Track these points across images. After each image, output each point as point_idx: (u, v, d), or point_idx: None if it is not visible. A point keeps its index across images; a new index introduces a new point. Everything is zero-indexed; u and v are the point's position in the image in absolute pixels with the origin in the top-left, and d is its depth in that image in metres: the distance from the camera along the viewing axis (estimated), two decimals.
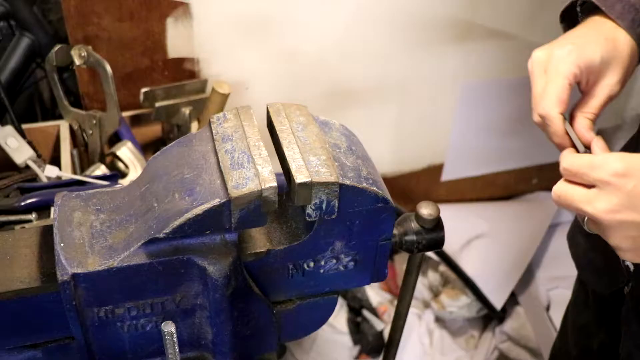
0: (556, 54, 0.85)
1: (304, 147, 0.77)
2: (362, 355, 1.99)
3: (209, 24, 1.53)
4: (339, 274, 0.84)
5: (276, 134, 0.79)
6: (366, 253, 0.84)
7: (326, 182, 0.73)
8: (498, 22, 1.81)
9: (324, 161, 0.75)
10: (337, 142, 0.81)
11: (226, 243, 0.74)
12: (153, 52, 1.52)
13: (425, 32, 1.75)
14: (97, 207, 0.79)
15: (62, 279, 0.71)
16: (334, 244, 0.81)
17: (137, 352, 0.81)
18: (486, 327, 2.07)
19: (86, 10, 1.41)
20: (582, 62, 0.84)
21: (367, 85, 1.79)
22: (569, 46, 0.85)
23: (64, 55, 1.43)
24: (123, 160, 1.45)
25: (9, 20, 1.59)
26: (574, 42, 0.86)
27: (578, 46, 0.85)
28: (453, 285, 2.05)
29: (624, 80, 0.87)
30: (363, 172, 0.78)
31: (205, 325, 0.80)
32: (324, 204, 0.75)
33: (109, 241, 0.75)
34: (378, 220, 0.81)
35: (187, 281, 0.76)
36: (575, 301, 1.30)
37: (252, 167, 0.73)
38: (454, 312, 2.02)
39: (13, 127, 1.36)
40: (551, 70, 0.85)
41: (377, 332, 2.00)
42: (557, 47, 0.86)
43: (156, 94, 1.52)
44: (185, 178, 0.75)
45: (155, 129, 1.62)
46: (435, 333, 2.00)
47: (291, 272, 0.82)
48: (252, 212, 0.72)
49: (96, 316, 0.76)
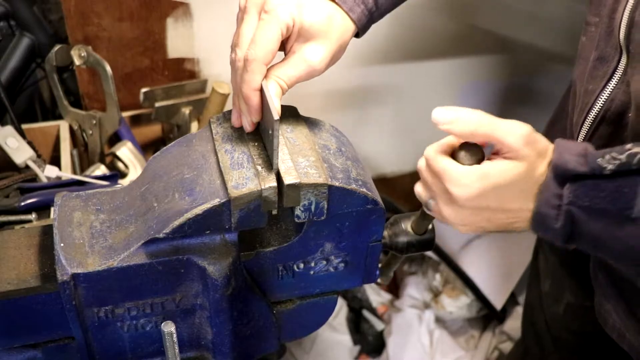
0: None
1: (293, 148, 0.76)
2: (362, 355, 1.98)
3: (209, 24, 1.52)
4: (329, 275, 0.84)
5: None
6: (356, 254, 0.84)
7: (315, 184, 0.73)
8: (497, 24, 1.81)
9: (313, 162, 0.75)
10: (327, 143, 0.80)
11: (226, 243, 0.74)
12: (153, 52, 1.52)
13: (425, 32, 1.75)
14: (97, 207, 0.79)
15: (62, 279, 0.71)
16: (324, 245, 0.81)
17: (137, 352, 0.81)
18: (486, 327, 2.07)
19: (86, 10, 1.41)
20: (297, 17, 0.77)
21: (367, 86, 1.79)
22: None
23: (64, 55, 1.43)
24: (123, 161, 1.45)
25: (9, 20, 1.59)
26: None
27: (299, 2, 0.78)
28: (453, 286, 2.05)
29: (329, 62, 0.81)
30: (352, 173, 0.78)
31: (205, 325, 0.80)
32: (312, 205, 0.74)
33: (109, 241, 0.75)
34: (368, 221, 0.80)
35: (187, 281, 0.76)
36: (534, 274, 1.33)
37: (251, 167, 0.73)
38: (454, 312, 2.02)
39: (13, 127, 1.36)
40: (268, 14, 0.75)
41: (377, 332, 2.00)
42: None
43: (156, 94, 1.52)
44: (185, 178, 0.75)
45: (155, 129, 1.62)
46: (435, 333, 2.00)
47: (281, 274, 0.82)
48: (252, 212, 0.72)
49: (96, 316, 0.76)
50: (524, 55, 1.87)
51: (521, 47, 1.83)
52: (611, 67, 0.83)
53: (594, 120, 0.86)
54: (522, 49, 1.84)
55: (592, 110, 0.86)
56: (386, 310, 2.05)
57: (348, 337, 2.00)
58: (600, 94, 0.84)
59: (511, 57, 1.88)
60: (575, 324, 1.21)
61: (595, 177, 0.68)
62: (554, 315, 1.26)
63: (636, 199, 0.66)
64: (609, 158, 0.67)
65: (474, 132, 0.71)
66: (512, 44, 1.85)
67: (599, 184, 0.68)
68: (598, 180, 0.68)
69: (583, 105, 0.88)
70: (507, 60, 1.89)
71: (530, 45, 1.83)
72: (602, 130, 0.86)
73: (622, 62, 0.82)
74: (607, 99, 0.84)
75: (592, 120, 0.86)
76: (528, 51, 1.85)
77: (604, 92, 0.84)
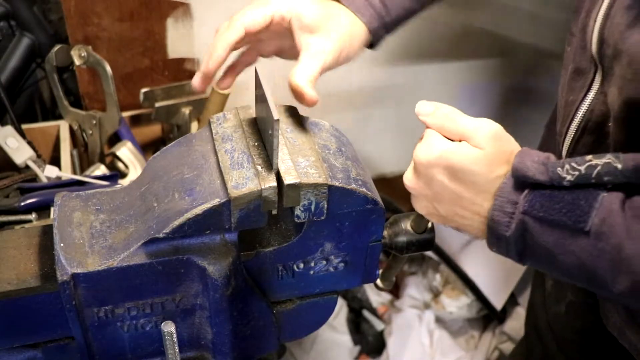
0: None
1: (292, 148, 0.76)
2: (362, 355, 1.99)
3: (209, 24, 1.52)
4: (329, 275, 0.84)
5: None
6: (356, 254, 0.83)
7: (315, 184, 0.73)
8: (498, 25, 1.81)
9: (312, 162, 0.75)
10: (327, 143, 0.80)
11: (226, 243, 0.74)
12: (153, 52, 1.52)
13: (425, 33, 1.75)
14: (97, 207, 0.79)
15: (62, 279, 0.71)
16: (324, 245, 0.81)
17: (137, 352, 0.81)
18: (486, 328, 2.07)
19: (86, 10, 1.41)
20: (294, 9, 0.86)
21: (367, 86, 1.79)
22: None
23: (64, 56, 1.43)
24: (123, 161, 1.45)
25: (9, 20, 1.59)
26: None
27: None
28: (453, 286, 2.05)
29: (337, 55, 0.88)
30: (352, 173, 0.78)
31: (205, 325, 0.80)
32: (312, 205, 0.74)
33: (109, 241, 0.75)
34: (368, 221, 0.80)
35: (187, 281, 0.76)
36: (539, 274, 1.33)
37: (251, 167, 0.73)
38: (454, 312, 2.02)
39: (13, 127, 1.36)
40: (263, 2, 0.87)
41: (377, 332, 2.00)
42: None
43: (156, 94, 1.52)
44: (185, 178, 0.75)
45: (155, 129, 1.62)
46: (435, 333, 2.00)
47: (281, 274, 0.82)
48: (252, 212, 0.72)
49: (96, 316, 0.76)
50: (525, 56, 1.87)
51: (521, 47, 1.83)
52: (589, 79, 0.84)
53: (576, 131, 0.87)
54: (523, 50, 1.84)
55: (574, 120, 0.87)
56: (386, 310, 2.05)
57: (348, 337, 2.00)
58: (580, 105, 0.85)
59: (512, 58, 1.88)
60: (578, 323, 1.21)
61: (554, 188, 0.67)
62: (556, 315, 1.26)
63: (591, 212, 0.65)
64: (568, 168, 0.66)
65: (444, 124, 0.74)
66: (512, 44, 1.85)
67: (556, 195, 0.67)
68: (556, 191, 0.67)
69: (565, 115, 0.89)
70: (508, 61, 1.89)
71: (530, 46, 1.83)
72: (585, 139, 0.86)
73: (598, 75, 0.83)
74: (587, 109, 0.85)
75: (574, 130, 0.87)
76: (529, 52, 1.85)
77: (584, 103, 0.85)
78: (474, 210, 0.73)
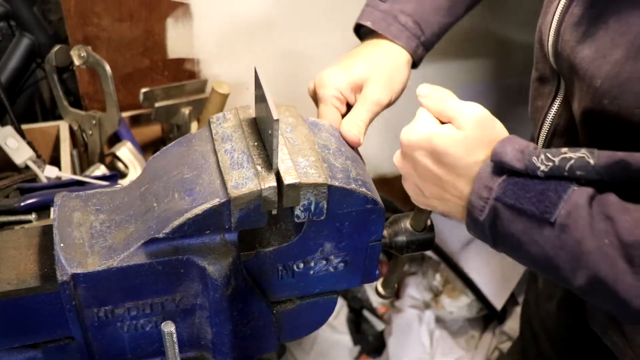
0: (323, 77, 0.94)
1: (292, 148, 0.76)
2: (362, 355, 1.98)
3: (209, 24, 1.52)
4: (328, 275, 0.84)
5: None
6: (356, 254, 0.84)
7: (314, 184, 0.73)
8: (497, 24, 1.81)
9: (312, 162, 0.75)
10: (326, 143, 0.80)
11: (226, 243, 0.74)
12: (153, 53, 1.52)
13: None
14: (96, 208, 0.79)
15: (62, 279, 0.71)
16: (324, 245, 0.81)
17: (137, 352, 0.81)
18: (486, 328, 2.07)
19: (86, 10, 1.41)
20: (341, 82, 0.94)
21: None
22: (334, 69, 0.95)
23: (63, 56, 1.43)
24: (123, 161, 1.45)
25: (9, 21, 1.59)
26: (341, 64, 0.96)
27: (343, 69, 0.95)
28: (453, 286, 2.05)
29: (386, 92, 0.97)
30: (352, 173, 0.78)
31: (205, 325, 0.80)
32: (312, 205, 0.74)
33: (109, 241, 0.75)
34: (368, 221, 0.80)
35: (187, 281, 0.76)
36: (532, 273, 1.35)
37: (251, 167, 0.73)
38: (454, 312, 2.01)
39: (13, 127, 1.36)
40: (319, 95, 0.94)
41: (377, 332, 2.00)
42: (326, 71, 0.95)
43: (156, 94, 1.52)
44: (185, 178, 0.75)
45: (155, 129, 1.62)
46: (435, 333, 2.00)
47: (281, 274, 0.82)
48: (252, 212, 0.72)
49: (96, 316, 0.76)
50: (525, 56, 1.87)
51: (521, 47, 1.83)
52: (554, 86, 0.87)
53: (546, 135, 0.89)
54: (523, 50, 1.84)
55: (544, 125, 0.89)
56: (386, 310, 2.05)
57: (348, 337, 2.00)
58: (549, 110, 0.88)
59: (511, 58, 1.88)
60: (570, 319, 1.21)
61: (529, 177, 0.67)
62: (548, 312, 1.26)
63: (559, 203, 0.65)
64: (543, 158, 0.66)
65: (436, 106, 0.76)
66: (512, 44, 1.85)
67: (529, 184, 0.67)
68: (529, 180, 0.67)
69: (536, 120, 0.91)
70: (508, 61, 1.89)
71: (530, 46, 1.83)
72: (556, 142, 0.88)
73: (562, 83, 0.85)
74: (555, 114, 0.87)
75: (545, 135, 0.89)
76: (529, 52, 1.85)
77: (552, 109, 0.87)
78: (456, 195, 0.74)
